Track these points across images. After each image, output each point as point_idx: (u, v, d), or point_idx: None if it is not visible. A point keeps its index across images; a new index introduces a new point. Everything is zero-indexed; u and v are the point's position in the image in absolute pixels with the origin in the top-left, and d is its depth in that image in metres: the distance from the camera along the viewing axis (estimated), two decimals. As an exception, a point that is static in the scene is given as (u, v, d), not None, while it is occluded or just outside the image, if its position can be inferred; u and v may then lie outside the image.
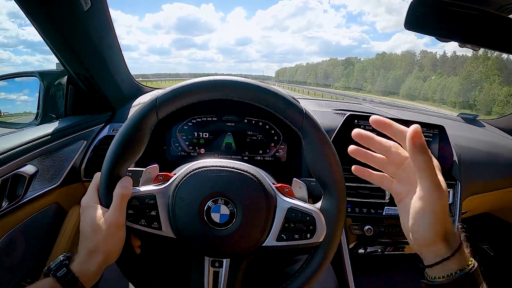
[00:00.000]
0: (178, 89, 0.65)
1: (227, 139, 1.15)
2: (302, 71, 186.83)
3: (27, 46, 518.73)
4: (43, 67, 33.62)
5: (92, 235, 0.61)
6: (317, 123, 0.66)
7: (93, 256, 0.61)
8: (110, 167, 0.64)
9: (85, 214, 0.63)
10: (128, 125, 0.64)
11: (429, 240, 0.52)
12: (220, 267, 0.68)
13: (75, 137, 1.08)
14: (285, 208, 0.67)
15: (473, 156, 1.35)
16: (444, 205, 0.51)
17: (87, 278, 0.60)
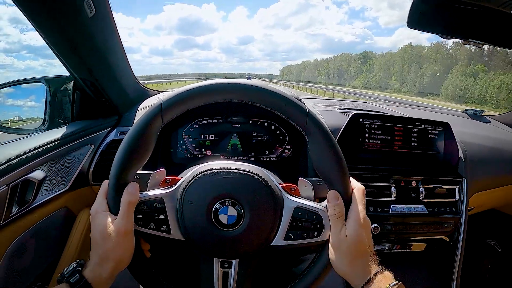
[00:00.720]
0: (182, 94, 0.65)
1: (233, 140, 1.16)
2: (311, 68, 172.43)
3: (30, 51, 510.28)
4: (46, 71, 33.38)
5: (102, 242, 0.62)
6: (321, 122, 0.67)
7: (104, 263, 0.62)
8: (117, 173, 0.65)
9: (95, 222, 0.64)
10: (134, 132, 0.65)
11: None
12: (229, 267, 0.69)
13: (83, 141, 1.09)
14: (292, 208, 0.67)
15: (479, 152, 1.35)
16: None
17: (99, 284, 0.62)
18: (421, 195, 1.15)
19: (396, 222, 1.14)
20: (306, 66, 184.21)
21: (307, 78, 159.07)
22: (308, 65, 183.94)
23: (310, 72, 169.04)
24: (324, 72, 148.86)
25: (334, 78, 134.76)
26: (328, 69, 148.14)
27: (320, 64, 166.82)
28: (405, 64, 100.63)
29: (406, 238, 1.22)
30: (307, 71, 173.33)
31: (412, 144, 1.20)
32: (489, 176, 1.37)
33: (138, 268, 0.69)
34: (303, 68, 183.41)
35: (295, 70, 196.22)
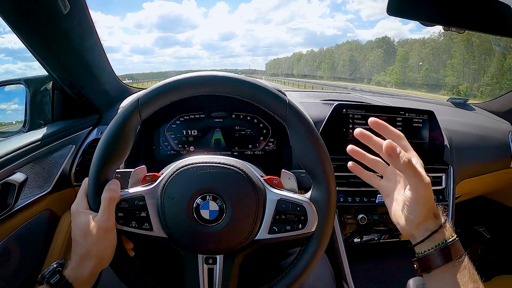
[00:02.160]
0: (159, 88, 0.64)
1: (216, 135, 1.15)
2: (307, 60, 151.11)
3: (8, 54, 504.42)
4: (26, 74, 33.03)
5: (83, 240, 0.61)
6: (301, 112, 0.66)
7: (85, 261, 0.61)
8: (97, 171, 0.64)
9: (75, 220, 0.63)
10: (112, 128, 0.64)
11: (421, 219, 0.62)
12: (214, 263, 0.68)
13: (64, 142, 1.07)
14: (275, 200, 0.67)
15: (464, 140, 1.36)
16: (429, 192, 0.61)
17: (80, 283, 0.61)
18: (408, 183, 1.15)
19: (383, 211, 1.15)
20: (300, 57, 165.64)
21: (302, 72, 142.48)
22: (306, 56, 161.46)
23: (306, 65, 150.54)
24: (328, 65, 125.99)
25: (343, 71, 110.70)
26: (333, 60, 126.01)
27: (321, 55, 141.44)
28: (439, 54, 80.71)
29: (394, 228, 1.21)
30: (302, 64, 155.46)
31: (397, 133, 1.19)
32: (475, 163, 1.38)
33: (122, 267, 0.68)
34: (296, 61, 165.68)
35: (285, 63, 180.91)
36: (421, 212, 0.61)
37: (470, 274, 0.58)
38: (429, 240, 0.61)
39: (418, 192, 0.60)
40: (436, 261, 0.60)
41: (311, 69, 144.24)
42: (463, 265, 0.58)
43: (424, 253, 0.61)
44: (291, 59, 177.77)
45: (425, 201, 0.61)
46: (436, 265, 0.59)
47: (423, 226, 0.62)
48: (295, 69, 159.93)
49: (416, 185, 0.60)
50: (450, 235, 0.60)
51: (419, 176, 0.60)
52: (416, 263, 0.63)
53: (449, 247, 0.59)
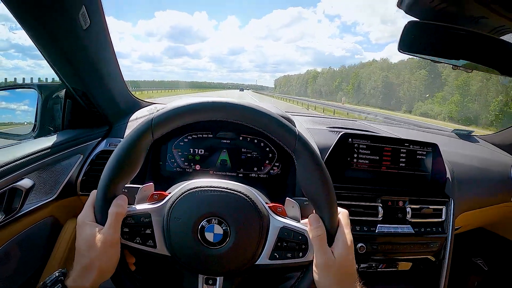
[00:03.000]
0: (174, 111, 0.66)
1: (222, 156, 1.16)
2: (326, 78, 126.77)
3: (18, 50, 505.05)
4: (34, 72, 32.81)
5: (87, 252, 0.62)
6: (310, 146, 0.67)
7: (87, 273, 0.62)
8: (106, 185, 0.65)
9: (81, 231, 0.64)
10: (124, 146, 0.65)
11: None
12: (213, 284, 0.69)
13: (72, 151, 1.09)
14: (278, 228, 0.68)
15: (467, 172, 1.37)
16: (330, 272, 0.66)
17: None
18: (408, 215, 1.17)
19: (382, 241, 1.15)
20: (315, 75, 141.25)
21: (317, 91, 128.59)
22: (318, 74, 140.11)
23: (324, 84, 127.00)
24: (351, 85, 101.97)
25: (374, 94, 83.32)
26: (360, 80, 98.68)
27: (340, 73, 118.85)
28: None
29: (392, 258, 1.23)
30: (320, 82, 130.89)
31: (400, 165, 1.21)
32: (476, 196, 1.39)
33: (123, 281, 0.68)
34: (311, 79, 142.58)
35: (297, 81, 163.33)
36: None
37: None
38: None
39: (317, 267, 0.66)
40: None
41: (328, 88, 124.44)
42: None
43: None
44: (304, 76, 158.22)
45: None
46: None
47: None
48: (310, 88, 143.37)
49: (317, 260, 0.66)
50: None
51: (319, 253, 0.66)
52: None
53: None
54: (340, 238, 0.67)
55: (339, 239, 0.67)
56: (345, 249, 0.66)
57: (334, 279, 0.65)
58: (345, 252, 0.66)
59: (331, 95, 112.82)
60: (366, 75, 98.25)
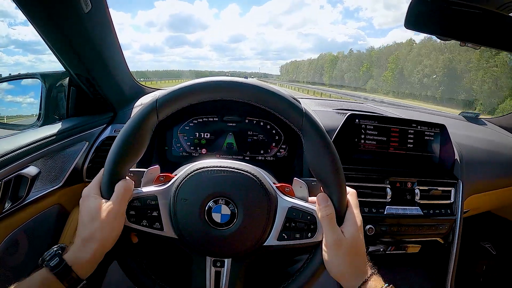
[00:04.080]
0: (178, 90, 0.65)
1: (228, 139, 1.15)
2: (350, 63, 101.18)
3: (18, 46, 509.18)
4: (35, 67, 32.67)
5: (89, 223, 0.62)
6: (317, 123, 0.66)
7: (88, 244, 0.61)
8: (112, 166, 0.65)
9: (85, 203, 0.64)
10: (129, 127, 0.65)
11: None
12: (221, 266, 0.69)
13: (77, 138, 1.09)
14: (286, 208, 0.67)
15: (475, 154, 1.35)
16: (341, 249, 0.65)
17: (81, 267, 0.60)
18: (416, 197, 1.16)
19: (391, 223, 1.14)
20: (334, 60, 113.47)
21: (337, 78, 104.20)
22: (338, 59, 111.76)
23: (348, 70, 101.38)
24: (392, 71, 75.28)
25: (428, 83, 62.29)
26: (403, 63, 73.57)
27: (367, 57, 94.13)
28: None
29: (401, 240, 1.22)
30: (342, 68, 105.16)
31: (408, 146, 1.20)
32: (484, 179, 1.37)
33: (130, 266, 0.68)
34: (329, 64, 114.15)
35: (309, 67, 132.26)
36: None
37: None
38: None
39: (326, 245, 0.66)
40: None
41: (354, 75, 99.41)
42: None
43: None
44: (318, 61, 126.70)
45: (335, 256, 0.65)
46: None
47: (346, 281, 0.66)
48: (327, 75, 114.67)
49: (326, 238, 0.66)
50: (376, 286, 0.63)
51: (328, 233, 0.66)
52: None
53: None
54: (349, 218, 0.67)
55: (348, 219, 0.67)
56: (355, 229, 0.66)
57: (344, 258, 0.64)
58: (355, 232, 0.65)
59: (356, 83, 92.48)
60: (412, 58, 71.16)
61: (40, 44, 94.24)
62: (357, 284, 0.63)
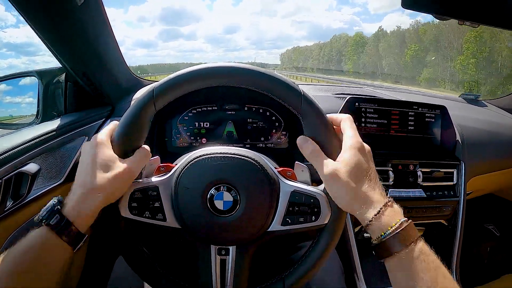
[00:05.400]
0: (175, 79, 0.64)
1: (228, 127, 1.15)
2: (390, 44, 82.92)
3: (10, 48, 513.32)
4: (29, 69, 32.60)
5: (101, 173, 0.59)
6: (316, 104, 0.66)
7: (91, 196, 0.58)
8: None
9: (97, 150, 0.61)
10: (126, 118, 0.64)
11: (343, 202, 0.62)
12: (226, 255, 0.68)
13: (76, 133, 1.08)
14: (289, 192, 0.67)
15: (476, 136, 1.35)
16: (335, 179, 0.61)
17: (81, 221, 0.57)
18: (419, 179, 1.15)
19: (395, 207, 1.14)
20: (360, 42, 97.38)
21: (366, 66, 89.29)
22: (364, 41, 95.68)
23: (387, 53, 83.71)
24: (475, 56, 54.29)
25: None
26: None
27: (410, 37, 76.51)
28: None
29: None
30: (377, 51, 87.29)
31: (409, 128, 1.20)
32: (486, 160, 1.38)
33: (135, 258, 0.68)
34: (352, 48, 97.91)
35: (321, 52, 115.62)
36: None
37: (425, 262, 0.53)
38: (371, 229, 0.59)
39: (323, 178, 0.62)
40: (380, 251, 0.57)
41: (396, 62, 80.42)
42: (415, 254, 0.54)
43: (374, 241, 0.59)
44: (332, 45, 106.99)
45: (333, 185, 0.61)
46: (383, 256, 0.57)
47: (358, 213, 0.60)
48: (349, 62, 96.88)
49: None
50: (390, 223, 0.57)
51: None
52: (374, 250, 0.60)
53: (392, 236, 0.56)
54: (346, 143, 0.63)
55: (344, 144, 0.63)
56: (351, 153, 0.61)
57: (345, 189, 0.60)
58: (351, 157, 0.60)
59: (399, 70, 75.33)
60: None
61: (33, 45, 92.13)
62: (369, 216, 0.58)
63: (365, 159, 0.62)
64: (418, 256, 0.54)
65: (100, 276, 1.00)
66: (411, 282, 0.52)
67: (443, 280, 0.52)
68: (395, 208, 0.59)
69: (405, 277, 0.54)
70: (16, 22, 43.39)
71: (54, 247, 0.55)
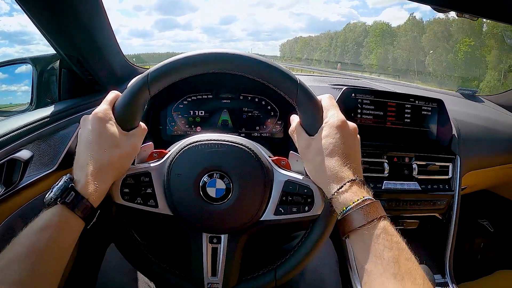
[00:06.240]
0: (169, 64, 0.64)
1: (223, 116, 1.15)
2: (439, 31, 67.18)
3: (4, 37, 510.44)
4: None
5: (110, 149, 0.60)
6: (312, 93, 0.66)
7: (103, 173, 0.59)
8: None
9: (103, 126, 0.61)
10: (120, 103, 0.64)
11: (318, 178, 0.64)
12: (218, 243, 0.68)
13: (70, 120, 1.06)
14: (282, 181, 0.67)
15: (472, 131, 1.36)
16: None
17: (95, 197, 0.58)
18: (414, 172, 1.16)
19: (389, 198, 1.15)
20: (385, 31, 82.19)
21: (400, 60, 73.96)
22: (391, 30, 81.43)
23: (434, 43, 68.76)
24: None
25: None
26: None
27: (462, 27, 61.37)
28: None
29: (399, 215, 1.23)
30: (416, 43, 72.63)
31: (405, 120, 1.20)
32: (482, 155, 1.38)
33: (127, 246, 0.68)
34: (376, 39, 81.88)
35: (333, 43, 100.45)
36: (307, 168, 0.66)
37: (388, 241, 0.53)
38: (335, 203, 0.59)
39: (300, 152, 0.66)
40: (342, 226, 0.57)
41: (439, 57, 66.91)
42: (377, 231, 0.54)
43: (338, 217, 0.59)
44: (346, 36, 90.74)
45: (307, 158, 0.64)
46: (345, 231, 0.57)
47: (323, 186, 0.62)
48: (374, 54, 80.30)
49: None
50: (353, 198, 0.56)
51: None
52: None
53: (354, 210, 0.55)
54: (326, 122, 0.63)
55: (324, 123, 0.64)
56: (328, 129, 0.62)
57: (314, 160, 0.63)
58: (327, 131, 0.62)
59: (448, 71, 61.79)
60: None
61: (27, 34, 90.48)
62: (332, 190, 0.58)
63: (344, 136, 0.62)
64: (380, 234, 0.53)
65: (92, 264, 1.00)
66: (372, 259, 0.52)
67: (406, 262, 0.51)
68: (362, 187, 0.59)
69: (365, 253, 0.53)
70: (10, 10, 42.15)
71: (70, 224, 0.56)
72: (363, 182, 0.60)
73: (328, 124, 0.62)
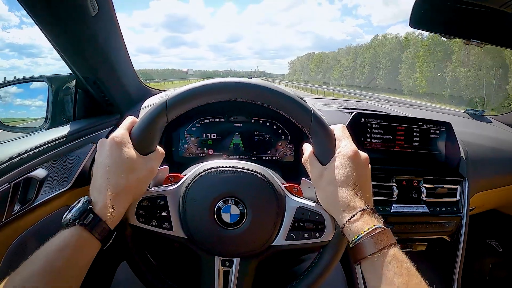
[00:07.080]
0: (188, 92, 0.66)
1: (235, 139, 1.16)
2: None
3: (14, 49, 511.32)
4: (32, 70, 31.98)
5: (126, 173, 0.61)
6: (325, 123, 0.67)
7: (121, 197, 0.61)
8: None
9: (120, 150, 0.62)
10: (139, 127, 0.66)
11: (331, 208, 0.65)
12: (230, 266, 0.69)
13: (85, 140, 1.09)
14: (295, 208, 0.68)
15: (481, 152, 1.36)
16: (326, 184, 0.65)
17: (112, 219, 0.59)
18: (423, 195, 1.16)
19: (397, 221, 1.15)
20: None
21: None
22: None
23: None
24: None
25: None
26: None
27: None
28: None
29: (407, 238, 1.23)
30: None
31: (414, 144, 1.20)
32: (490, 176, 1.38)
33: (139, 265, 0.69)
34: (421, 52, 55.36)
35: (349, 58, 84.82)
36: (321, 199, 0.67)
37: (398, 267, 0.54)
38: (346, 232, 0.61)
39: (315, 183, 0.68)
40: (354, 254, 0.59)
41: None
42: (387, 258, 0.55)
43: (350, 245, 0.60)
44: (375, 49, 73.92)
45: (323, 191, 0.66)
46: (357, 258, 0.58)
47: (336, 216, 0.64)
48: (419, 73, 56.75)
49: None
50: (364, 227, 0.58)
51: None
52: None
53: (366, 239, 0.57)
54: (339, 152, 0.65)
55: (337, 153, 0.65)
56: (341, 159, 0.64)
57: (326, 190, 0.64)
58: (339, 162, 0.64)
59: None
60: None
61: (35, 47, 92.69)
62: (344, 220, 0.60)
63: (356, 167, 0.64)
64: (390, 261, 0.55)
65: (103, 282, 1.01)
66: (383, 285, 0.53)
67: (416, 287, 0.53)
68: (373, 216, 0.61)
69: (377, 280, 0.55)
70: (20, 23, 42.77)
71: (88, 244, 0.57)
72: (374, 211, 0.61)
73: (341, 155, 0.64)
